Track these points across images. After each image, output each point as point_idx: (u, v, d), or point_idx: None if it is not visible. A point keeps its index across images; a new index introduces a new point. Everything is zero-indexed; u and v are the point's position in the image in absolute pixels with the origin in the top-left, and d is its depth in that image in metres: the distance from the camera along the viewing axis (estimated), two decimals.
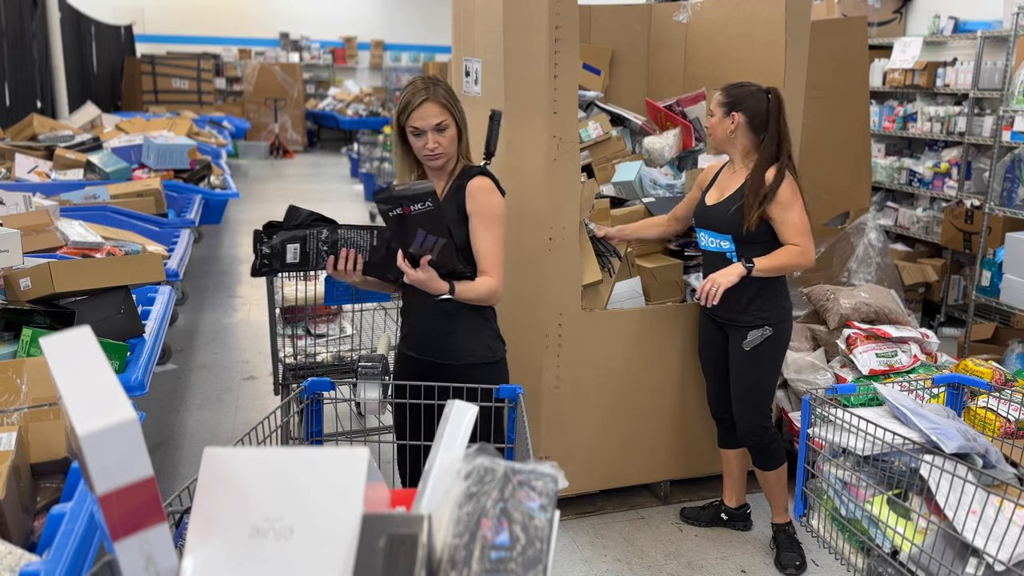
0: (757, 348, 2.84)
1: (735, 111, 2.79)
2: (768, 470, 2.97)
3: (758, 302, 2.82)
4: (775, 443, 2.95)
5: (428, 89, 2.23)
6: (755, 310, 2.83)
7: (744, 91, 2.80)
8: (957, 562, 1.82)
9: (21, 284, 2.53)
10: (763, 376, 2.90)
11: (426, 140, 2.24)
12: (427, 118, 2.22)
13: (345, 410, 4.11)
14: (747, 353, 2.86)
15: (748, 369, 2.89)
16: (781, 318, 2.85)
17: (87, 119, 7.50)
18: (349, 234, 2.17)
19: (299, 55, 16.46)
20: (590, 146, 3.54)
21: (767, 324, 2.83)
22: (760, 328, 2.83)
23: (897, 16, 6.67)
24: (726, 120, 2.80)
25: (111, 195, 4.67)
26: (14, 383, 1.85)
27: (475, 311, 2.37)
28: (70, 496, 1.64)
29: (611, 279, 3.21)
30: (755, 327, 2.83)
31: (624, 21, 4.00)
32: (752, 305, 2.83)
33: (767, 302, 2.83)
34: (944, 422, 2.00)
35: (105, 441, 0.88)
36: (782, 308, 2.86)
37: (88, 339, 0.99)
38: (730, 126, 2.80)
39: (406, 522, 0.91)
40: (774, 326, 2.83)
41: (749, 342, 2.84)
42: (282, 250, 2.11)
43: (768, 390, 2.92)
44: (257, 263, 2.12)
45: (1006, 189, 4.83)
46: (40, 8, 8.22)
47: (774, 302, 2.84)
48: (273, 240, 2.10)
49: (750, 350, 2.85)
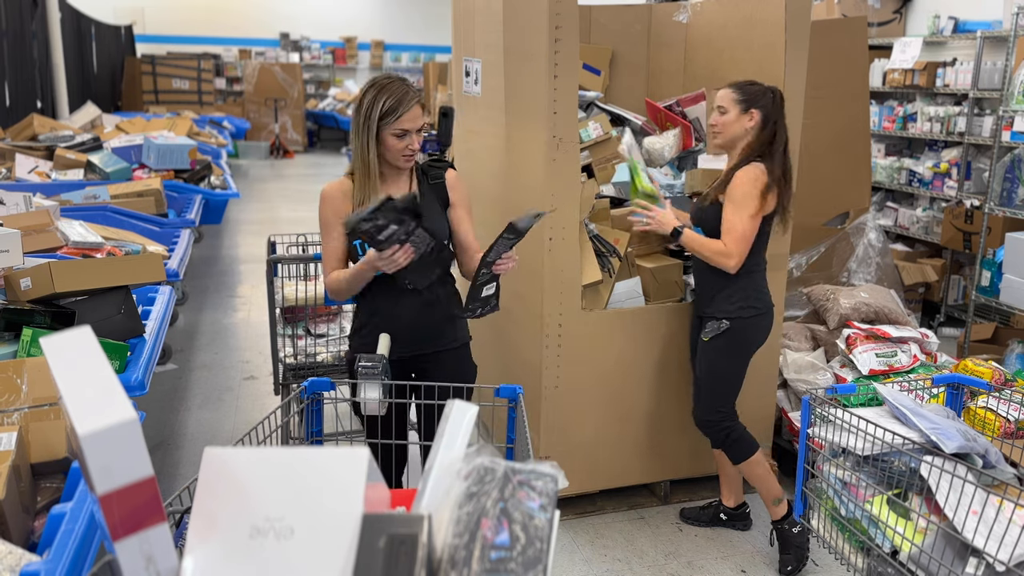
0: (712, 340, 2.90)
1: (753, 108, 2.80)
2: (737, 462, 2.99)
3: (722, 296, 2.88)
4: (734, 434, 2.96)
5: (411, 90, 2.25)
6: (720, 302, 2.88)
7: (758, 89, 2.82)
8: (957, 562, 1.82)
9: (21, 284, 2.53)
10: (718, 367, 2.93)
11: (409, 141, 2.25)
12: (416, 120, 2.23)
13: (345, 410, 4.11)
14: (705, 344, 2.93)
15: (703, 358, 2.96)
16: (740, 316, 2.86)
17: (87, 119, 7.50)
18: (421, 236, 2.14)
19: (299, 55, 16.46)
20: (590, 146, 3.54)
21: (725, 318, 2.87)
22: (718, 321, 2.88)
23: (897, 16, 6.67)
24: (744, 117, 2.80)
25: (111, 195, 4.67)
26: (14, 383, 1.85)
27: (448, 299, 2.45)
28: (70, 496, 1.64)
29: (611, 279, 3.21)
30: (714, 319, 2.90)
31: (624, 21, 4.00)
32: (717, 299, 2.89)
33: (731, 298, 2.87)
34: (944, 422, 2.00)
35: (105, 441, 0.88)
36: (744, 307, 2.86)
37: (88, 339, 0.99)
38: (748, 123, 2.81)
39: (406, 522, 0.91)
40: (732, 321, 2.87)
41: (706, 332, 2.92)
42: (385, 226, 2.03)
43: (724, 382, 2.94)
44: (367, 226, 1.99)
45: (1006, 189, 4.83)
46: (40, 8, 8.22)
47: (739, 300, 2.86)
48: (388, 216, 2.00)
49: (707, 340, 2.92)
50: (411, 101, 2.22)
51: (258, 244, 7.98)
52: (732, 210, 2.76)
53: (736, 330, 2.87)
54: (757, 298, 2.90)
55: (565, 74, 2.93)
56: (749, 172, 2.76)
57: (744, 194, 2.74)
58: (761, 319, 2.90)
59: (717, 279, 2.87)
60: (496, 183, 3.43)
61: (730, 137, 2.86)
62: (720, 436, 2.98)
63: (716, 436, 2.99)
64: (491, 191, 3.50)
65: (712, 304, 2.91)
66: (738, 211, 2.75)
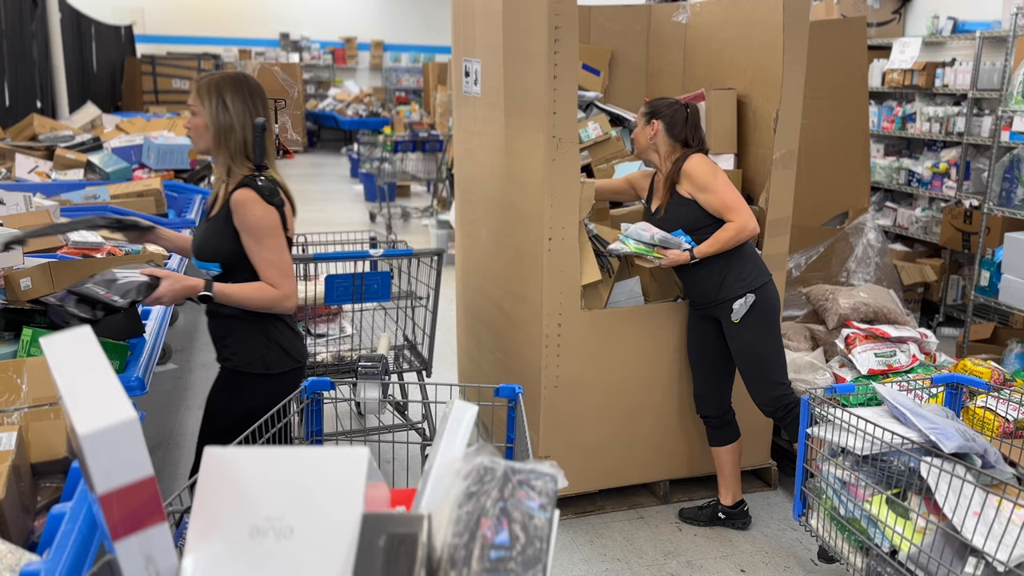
0: (745, 318, 2.94)
1: (654, 119, 3.00)
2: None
3: (730, 276, 2.94)
4: (797, 408, 2.94)
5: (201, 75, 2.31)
6: (731, 283, 2.94)
7: (662, 102, 3.05)
8: (956, 561, 1.82)
9: (21, 284, 2.52)
10: (759, 343, 2.97)
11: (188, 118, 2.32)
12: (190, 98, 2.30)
13: (345, 410, 4.11)
14: (738, 326, 2.95)
15: (743, 338, 2.97)
16: (760, 283, 2.95)
17: (87, 119, 7.50)
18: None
19: (299, 55, 16.46)
20: (589, 146, 3.54)
21: (748, 291, 2.93)
22: (742, 297, 2.93)
23: (896, 16, 6.67)
24: (647, 129, 3.02)
25: (111, 195, 4.67)
26: (14, 383, 1.85)
27: (253, 320, 2.31)
28: (70, 496, 1.64)
29: (610, 279, 3.22)
30: (737, 298, 2.94)
31: (624, 21, 4.00)
32: (725, 281, 2.95)
33: (739, 272, 2.94)
34: (943, 422, 2.01)
35: (105, 441, 0.88)
36: (758, 274, 2.96)
37: (88, 339, 1.00)
38: (650, 132, 3.01)
39: (406, 522, 0.91)
40: (756, 291, 2.93)
41: (736, 312, 2.94)
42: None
43: (771, 356, 2.98)
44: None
45: (1005, 189, 4.84)
46: (40, 8, 8.22)
47: (747, 270, 2.95)
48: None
49: (740, 321, 2.94)
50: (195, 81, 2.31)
51: None
52: (712, 194, 2.91)
53: (761, 299, 2.94)
54: (756, 264, 3.00)
55: (565, 74, 2.93)
56: (692, 160, 2.94)
57: (704, 173, 2.91)
58: (771, 284, 3.00)
59: (716, 266, 2.95)
60: (496, 183, 3.43)
61: (641, 147, 3.07)
62: (787, 412, 2.97)
63: (783, 413, 2.98)
64: (491, 191, 3.51)
65: (723, 289, 2.96)
66: (715, 189, 2.90)
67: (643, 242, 2.98)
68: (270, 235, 2.22)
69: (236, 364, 2.35)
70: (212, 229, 2.29)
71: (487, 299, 3.69)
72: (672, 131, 3.00)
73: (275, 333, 2.34)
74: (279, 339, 2.34)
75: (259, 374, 2.33)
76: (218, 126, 2.24)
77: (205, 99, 2.24)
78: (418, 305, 3.60)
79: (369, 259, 3.27)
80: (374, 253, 3.30)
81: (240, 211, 2.20)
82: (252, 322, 2.30)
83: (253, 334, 2.32)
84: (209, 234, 2.30)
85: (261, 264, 2.24)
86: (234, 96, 2.26)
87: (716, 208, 2.92)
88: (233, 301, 2.24)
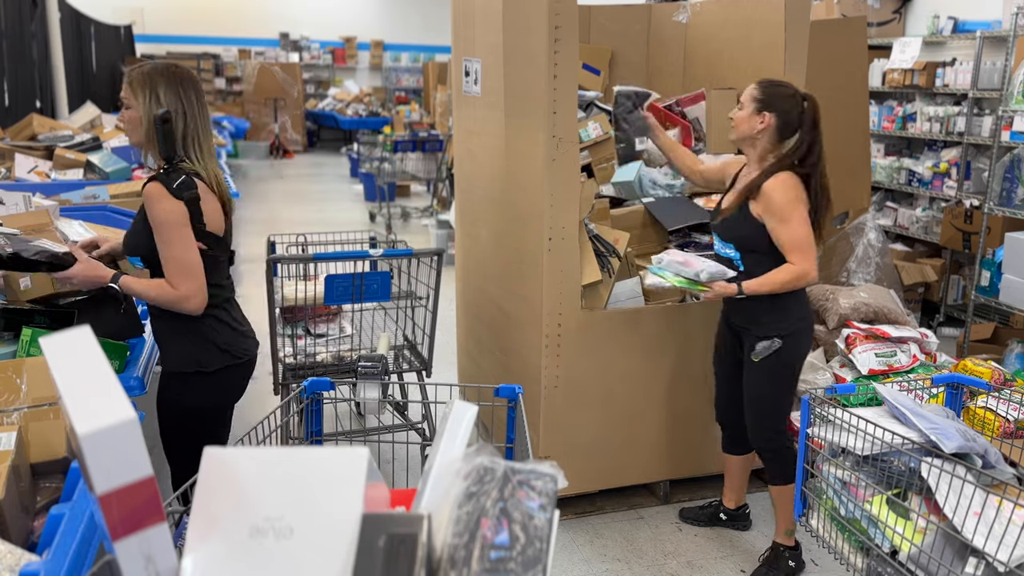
0: (765, 360, 2.75)
1: (767, 111, 2.65)
2: (778, 484, 2.88)
3: (770, 314, 2.72)
4: (789, 455, 2.82)
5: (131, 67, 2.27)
6: (766, 321, 2.73)
7: (782, 92, 2.66)
8: (956, 562, 1.82)
9: (21, 284, 2.52)
10: (771, 388, 2.80)
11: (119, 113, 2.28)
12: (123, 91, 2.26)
13: (345, 410, 4.11)
14: (756, 364, 2.77)
15: (756, 379, 2.81)
16: (794, 331, 2.73)
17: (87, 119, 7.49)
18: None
19: (299, 55, 16.46)
20: (590, 146, 3.54)
21: (776, 336, 2.72)
22: (769, 340, 2.73)
23: (896, 16, 6.67)
24: (755, 118, 2.66)
25: (111, 195, 4.67)
26: (14, 383, 1.85)
27: (184, 319, 2.28)
28: (70, 496, 1.64)
29: (611, 279, 3.21)
30: (764, 338, 2.74)
31: (624, 21, 4.00)
32: (763, 316, 2.73)
33: (778, 314, 2.71)
34: (943, 422, 2.00)
35: (105, 441, 0.88)
36: (796, 320, 2.73)
37: (88, 339, 0.99)
38: (759, 124, 2.66)
39: (406, 522, 0.91)
40: (784, 338, 2.72)
41: (757, 353, 2.76)
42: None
43: (777, 402, 2.81)
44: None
45: (1005, 189, 4.84)
46: (40, 8, 8.22)
47: (785, 314, 2.72)
48: None
49: (758, 361, 2.76)
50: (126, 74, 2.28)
51: (258, 244, 7.98)
52: (782, 226, 2.60)
53: (788, 348, 2.73)
54: (801, 309, 2.75)
55: (565, 74, 2.93)
56: (779, 179, 2.61)
57: (785, 202, 2.59)
58: (806, 332, 2.77)
59: (759, 296, 2.69)
60: (496, 183, 3.43)
61: (740, 134, 2.72)
62: (776, 454, 2.84)
63: (771, 454, 2.85)
64: (491, 191, 3.50)
65: (758, 322, 2.75)
66: (787, 223, 2.59)
67: (685, 277, 2.69)
68: (173, 231, 2.17)
69: (171, 364, 2.34)
70: (135, 224, 2.30)
71: (487, 299, 3.69)
72: (783, 132, 2.65)
73: (210, 332, 2.31)
74: (215, 338, 2.32)
75: (193, 372, 2.32)
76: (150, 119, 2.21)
77: (138, 91, 2.21)
78: (418, 305, 3.60)
79: (369, 259, 3.26)
80: (374, 253, 3.30)
81: (147, 205, 2.18)
82: (184, 321, 2.29)
83: (184, 333, 2.30)
84: (132, 230, 2.31)
85: (163, 261, 2.21)
86: (168, 87, 2.23)
87: (782, 243, 2.62)
88: (136, 296, 2.26)
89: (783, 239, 2.61)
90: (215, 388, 2.34)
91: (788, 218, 2.59)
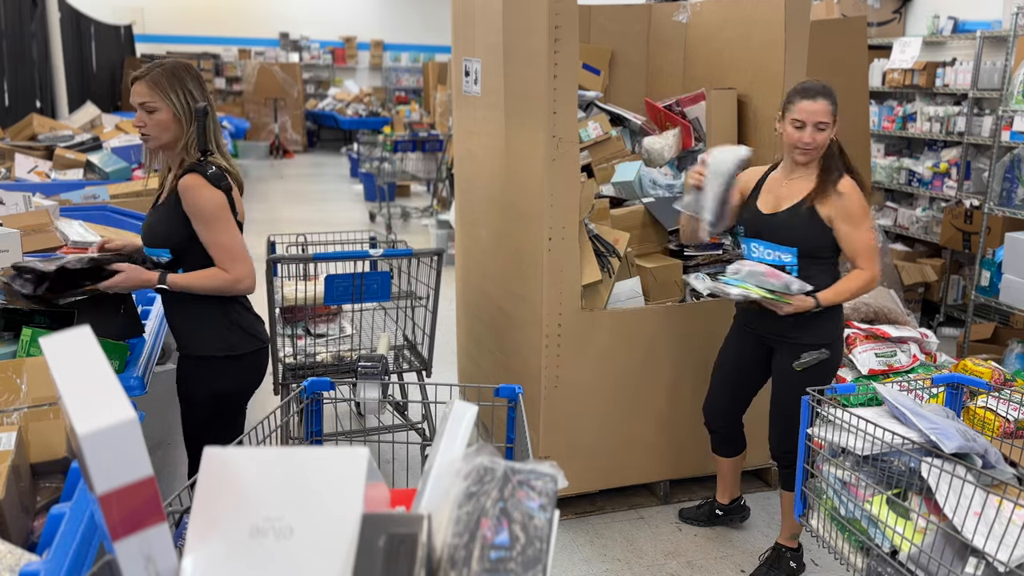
0: (808, 370, 2.65)
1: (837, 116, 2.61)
2: (791, 488, 2.79)
3: (817, 322, 2.64)
4: None
5: (144, 69, 2.27)
6: (815, 330, 2.64)
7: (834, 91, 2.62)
8: (956, 562, 1.82)
9: None
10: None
11: (138, 118, 2.28)
12: (134, 96, 2.26)
13: (345, 410, 4.11)
14: (796, 373, 2.66)
15: (788, 389, 2.70)
16: (836, 340, 2.69)
17: (87, 119, 7.49)
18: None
19: (299, 55, 16.46)
20: (590, 146, 3.54)
21: (824, 346, 2.65)
22: (818, 349, 2.64)
23: (896, 16, 6.67)
24: (832, 130, 2.60)
25: (111, 195, 4.67)
26: (14, 383, 1.85)
27: (210, 303, 2.34)
28: (70, 496, 1.64)
29: (610, 279, 3.21)
30: (812, 347, 2.65)
31: (624, 21, 4.00)
32: (812, 324, 2.64)
33: (826, 323, 2.65)
34: (943, 422, 2.00)
35: (105, 441, 0.88)
36: (838, 330, 2.70)
37: (88, 339, 0.99)
38: (832, 136, 2.62)
39: (406, 522, 0.91)
40: (830, 347, 2.66)
41: (803, 363, 2.65)
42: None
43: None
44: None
45: (1005, 189, 4.84)
46: (40, 8, 8.22)
47: (832, 323, 2.67)
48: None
49: (801, 371, 2.65)
50: (132, 77, 2.28)
51: (258, 244, 7.97)
52: (858, 230, 2.57)
53: (833, 356, 2.66)
54: (841, 318, 2.69)
55: (565, 74, 2.93)
56: (850, 183, 2.58)
57: (860, 206, 2.57)
58: (843, 340, 2.71)
59: None
60: (496, 183, 3.43)
61: (820, 153, 2.61)
62: (792, 464, 2.71)
63: (788, 464, 2.76)
64: (491, 191, 3.50)
65: (806, 331, 2.65)
66: (860, 227, 2.57)
67: (768, 289, 2.58)
68: (218, 218, 2.25)
69: (198, 349, 2.37)
70: (162, 216, 2.31)
71: (487, 299, 3.69)
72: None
73: (234, 315, 2.38)
74: (239, 321, 2.38)
75: (223, 356, 2.36)
76: (188, 116, 2.26)
77: (168, 91, 2.24)
78: (418, 305, 3.60)
79: (369, 259, 3.26)
80: (374, 253, 3.30)
81: (188, 196, 2.23)
82: (210, 305, 2.33)
83: (213, 317, 2.35)
84: (158, 221, 2.33)
85: (212, 248, 2.27)
86: (194, 82, 2.28)
87: (854, 248, 2.57)
88: (188, 290, 2.28)
89: (857, 243, 2.58)
90: (244, 371, 2.42)
91: (862, 222, 2.58)
